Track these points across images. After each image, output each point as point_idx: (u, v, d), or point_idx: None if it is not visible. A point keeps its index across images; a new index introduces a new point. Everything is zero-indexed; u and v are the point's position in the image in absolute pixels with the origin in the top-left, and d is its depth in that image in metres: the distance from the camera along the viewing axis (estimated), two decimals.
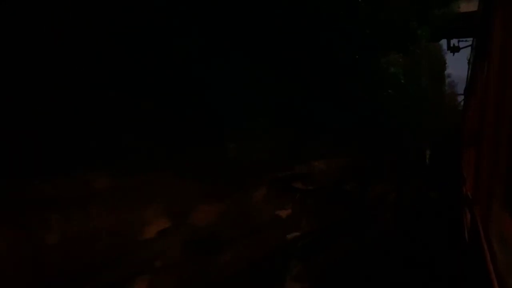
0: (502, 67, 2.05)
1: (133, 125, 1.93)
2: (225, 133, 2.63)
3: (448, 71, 22.18)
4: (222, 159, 2.61)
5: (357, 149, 5.01)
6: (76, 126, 1.72)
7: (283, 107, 3.28)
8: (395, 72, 7.34)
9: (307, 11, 3.38)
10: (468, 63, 9.64)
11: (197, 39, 2.36)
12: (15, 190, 1.36)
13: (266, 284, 2.97)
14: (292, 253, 3.32)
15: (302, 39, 3.58)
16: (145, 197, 2.00)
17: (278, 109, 3.18)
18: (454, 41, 14.11)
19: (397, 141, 7.92)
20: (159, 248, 2.09)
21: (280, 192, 3.28)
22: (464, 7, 8.95)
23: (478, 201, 2.57)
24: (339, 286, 3.58)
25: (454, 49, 14.45)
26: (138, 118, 1.96)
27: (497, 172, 2.02)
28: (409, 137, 10.05)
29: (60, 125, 1.66)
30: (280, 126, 3.21)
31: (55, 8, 1.64)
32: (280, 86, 3.20)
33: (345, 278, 3.64)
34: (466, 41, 13.48)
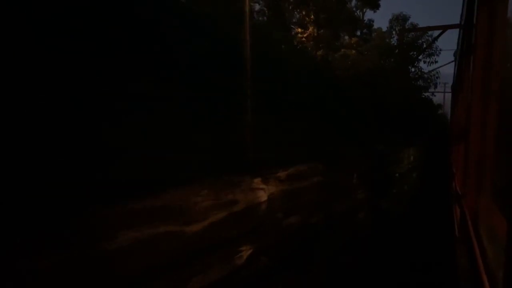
0: (487, 62, 2.07)
1: None
2: None
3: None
4: None
5: None
6: None
7: None
8: None
9: None
10: (455, 58, 9.76)
11: None
12: None
13: None
14: None
15: None
16: None
17: None
18: None
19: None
20: None
21: None
22: None
23: (467, 196, 2.60)
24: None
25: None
26: None
27: (485, 166, 2.04)
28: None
29: None
30: None
31: None
32: None
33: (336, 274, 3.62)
34: None
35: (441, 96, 27.62)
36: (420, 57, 13.00)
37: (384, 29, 15.41)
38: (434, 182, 10.18)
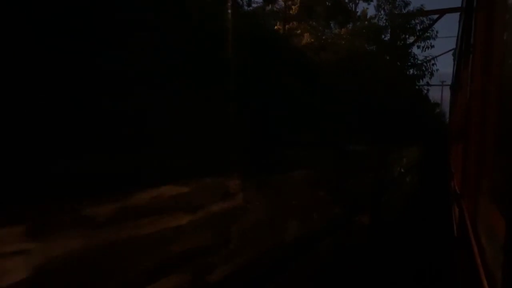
0: (485, 61, 2.07)
1: None
2: None
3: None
4: None
5: None
6: None
7: None
8: None
9: None
10: (454, 58, 9.76)
11: None
12: None
13: None
14: None
15: None
16: None
17: None
18: None
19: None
20: None
21: None
22: None
23: (466, 196, 2.59)
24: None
25: None
26: None
27: (484, 166, 2.03)
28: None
29: None
30: None
31: None
32: None
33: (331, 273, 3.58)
34: None
35: (439, 95, 27.58)
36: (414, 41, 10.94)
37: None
38: (433, 183, 10.15)
